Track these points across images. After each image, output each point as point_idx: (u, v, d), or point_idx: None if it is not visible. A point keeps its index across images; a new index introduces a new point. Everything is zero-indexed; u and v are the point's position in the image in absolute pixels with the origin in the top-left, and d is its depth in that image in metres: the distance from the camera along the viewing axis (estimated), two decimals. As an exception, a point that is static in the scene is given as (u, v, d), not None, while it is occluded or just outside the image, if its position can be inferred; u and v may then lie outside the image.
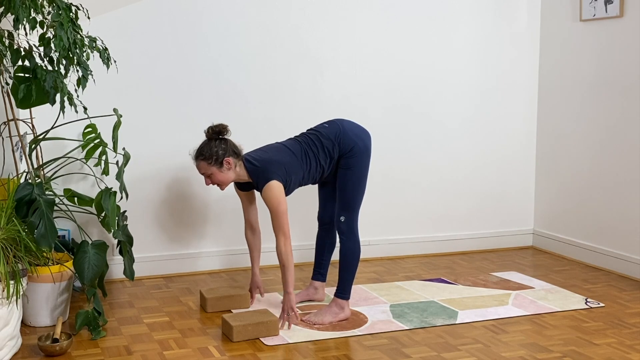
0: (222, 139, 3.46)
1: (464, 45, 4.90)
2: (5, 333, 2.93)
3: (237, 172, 3.47)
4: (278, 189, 3.37)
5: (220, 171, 3.44)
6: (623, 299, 3.95)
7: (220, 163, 3.42)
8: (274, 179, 3.38)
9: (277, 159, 3.44)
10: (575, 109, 4.80)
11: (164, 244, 4.35)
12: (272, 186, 3.37)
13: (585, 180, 4.74)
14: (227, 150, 3.43)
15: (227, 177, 3.46)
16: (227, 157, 3.42)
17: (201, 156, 3.45)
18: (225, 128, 3.47)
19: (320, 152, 3.49)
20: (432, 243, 4.95)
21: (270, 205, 3.38)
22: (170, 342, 3.25)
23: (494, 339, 3.32)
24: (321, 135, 3.52)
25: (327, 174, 3.56)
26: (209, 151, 3.42)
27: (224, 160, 3.42)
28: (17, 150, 3.54)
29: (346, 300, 3.55)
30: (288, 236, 3.39)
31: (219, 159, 3.41)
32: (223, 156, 3.42)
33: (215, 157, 3.41)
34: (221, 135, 3.47)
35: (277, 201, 3.36)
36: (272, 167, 3.41)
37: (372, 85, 4.70)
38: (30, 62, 3.21)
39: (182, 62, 4.27)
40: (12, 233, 3.06)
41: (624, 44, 4.41)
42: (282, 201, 3.37)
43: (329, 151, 3.49)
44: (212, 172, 3.44)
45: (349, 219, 3.52)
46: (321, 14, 4.54)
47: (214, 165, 3.43)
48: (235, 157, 3.45)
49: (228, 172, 3.44)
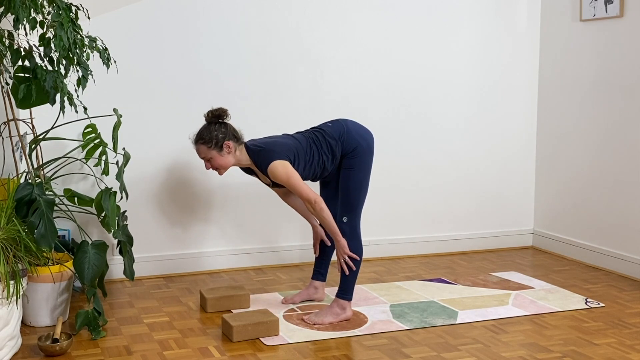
0: (222, 123, 3.45)
1: (464, 45, 4.90)
2: (5, 333, 2.93)
3: (237, 156, 3.45)
4: (284, 165, 3.34)
5: (220, 155, 3.42)
6: (623, 299, 3.95)
7: (220, 147, 3.40)
8: (277, 158, 3.35)
9: (281, 142, 3.44)
10: (575, 109, 4.80)
11: (164, 244, 4.35)
12: (277, 165, 3.34)
13: (585, 180, 4.74)
14: (227, 134, 3.41)
15: (227, 161, 3.44)
16: (227, 141, 3.40)
17: (201, 140, 3.43)
18: (225, 112, 3.45)
19: (324, 147, 3.49)
20: (432, 243, 4.96)
21: (281, 182, 3.36)
22: (170, 342, 3.25)
23: (494, 339, 3.32)
24: (325, 133, 3.52)
25: (328, 172, 3.55)
26: (208, 135, 3.41)
27: (224, 144, 3.40)
28: (17, 150, 3.54)
29: (348, 301, 3.55)
30: (314, 199, 3.34)
31: (218, 143, 3.40)
32: (223, 140, 3.40)
33: (215, 140, 3.39)
34: (221, 119, 3.45)
35: (286, 175, 3.33)
36: (276, 148, 3.39)
37: (372, 85, 4.70)
38: (30, 62, 3.21)
39: (182, 62, 4.27)
40: (12, 233, 3.06)
41: (624, 44, 4.41)
42: (292, 173, 3.33)
43: (331, 148, 3.49)
44: (211, 156, 3.43)
45: (351, 219, 3.52)
46: (321, 14, 4.54)
47: (213, 148, 3.41)
48: (235, 141, 3.44)
49: (228, 156, 3.43)
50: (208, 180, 4.38)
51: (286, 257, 4.59)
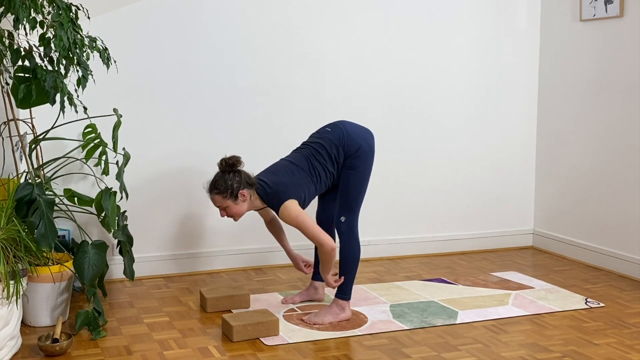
0: (236, 171, 3.43)
1: (464, 46, 4.90)
2: (5, 333, 2.93)
3: (252, 202, 3.46)
4: (294, 206, 3.37)
5: (235, 204, 3.42)
6: (623, 299, 3.95)
7: (235, 196, 3.40)
8: (288, 199, 3.37)
9: (287, 180, 3.43)
10: (575, 109, 4.80)
11: (164, 244, 4.35)
12: (287, 206, 3.36)
13: (585, 180, 4.74)
14: (241, 182, 3.40)
15: (242, 209, 3.45)
16: (242, 190, 3.40)
17: (215, 190, 3.42)
18: (238, 160, 3.44)
19: (327, 160, 3.49)
20: (432, 243, 4.96)
21: (292, 223, 3.38)
22: (170, 342, 3.25)
23: (494, 339, 3.32)
24: (325, 142, 3.51)
25: (337, 178, 3.57)
26: (223, 184, 3.40)
27: (239, 193, 3.40)
28: (17, 150, 3.54)
29: (347, 301, 3.55)
30: (326, 241, 3.37)
31: (233, 192, 3.39)
32: (238, 189, 3.39)
33: (230, 190, 3.39)
34: (234, 167, 3.44)
35: (295, 216, 3.35)
36: (284, 189, 3.40)
37: (372, 85, 4.70)
38: (30, 62, 3.21)
39: (182, 61, 4.27)
40: (12, 233, 3.06)
41: (624, 44, 4.41)
42: (301, 213, 3.36)
43: (335, 157, 3.49)
44: (227, 205, 3.43)
45: (350, 219, 3.52)
46: (321, 14, 4.54)
47: (229, 198, 3.40)
48: (250, 188, 3.43)
49: (243, 204, 3.43)
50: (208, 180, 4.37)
51: (286, 257, 4.57)
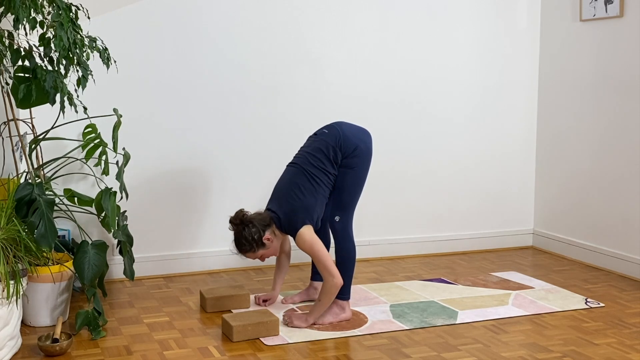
0: (248, 223, 3.44)
1: (464, 46, 4.90)
2: (5, 333, 2.93)
3: (277, 236, 3.50)
4: (308, 233, 3.40)
5: (265, 249, 3.47)
6: (623, 299, 3.95)
7: (262, 244, 3.44)
8: (302, 226, 3.40)
9: (296, 206, 3.43)
10: (575, 108, 4.80)
11: (164, 244, 4.35)
12: (302, 233, 3.39)
13: (585, 180, 4.74)
14: (259, 230, 3.43)
15: (275, 248, 3.51)
16: (264, 236, 3.44)
17: (243, 249, 3.47)
18: (243, 213, 3.47)
19: (326, 162, 3.49)
20: (432, 243, 4.95)
21: (306, 250, 3.41)
22: (170, 342, 3.25)
23: (494, 339, 3.32)
24: (321, 144, 3.51)
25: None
26: (246, 242, 3.43)
27: (264, 240, 3.44)
28: (17, 150, 3.54)
29: (346, 301, 3.55)
30: (337, 274, 3.38)
31: (258, 243, 3.43)
32: (260, 237, 3.43)
33: (255, 242, 3.43)
34: (244, 221, 3.45)
35: (310, 245, 3.38)
36: (294, 217, 3.42)
37: (372, 85, 4.70)
38: (30, 62, 3.21)
39: (182, 61, 4.27)
40: (12, 233, 3.06)
41: (624, 44, 4.41)
42: (315, 241, 3.39)
43: (333, 158, 3.50)
44: (261, 254, 3.48)
45: (344, 219, 3.52)
46: (321, 14, 4.54)
47: (258, 249, 3.45)
48: (269, 229, 3.46)
49: (272, 244, 3.48)
50: (208, 180, 4.38)
51: (286, 257, 4.59)
